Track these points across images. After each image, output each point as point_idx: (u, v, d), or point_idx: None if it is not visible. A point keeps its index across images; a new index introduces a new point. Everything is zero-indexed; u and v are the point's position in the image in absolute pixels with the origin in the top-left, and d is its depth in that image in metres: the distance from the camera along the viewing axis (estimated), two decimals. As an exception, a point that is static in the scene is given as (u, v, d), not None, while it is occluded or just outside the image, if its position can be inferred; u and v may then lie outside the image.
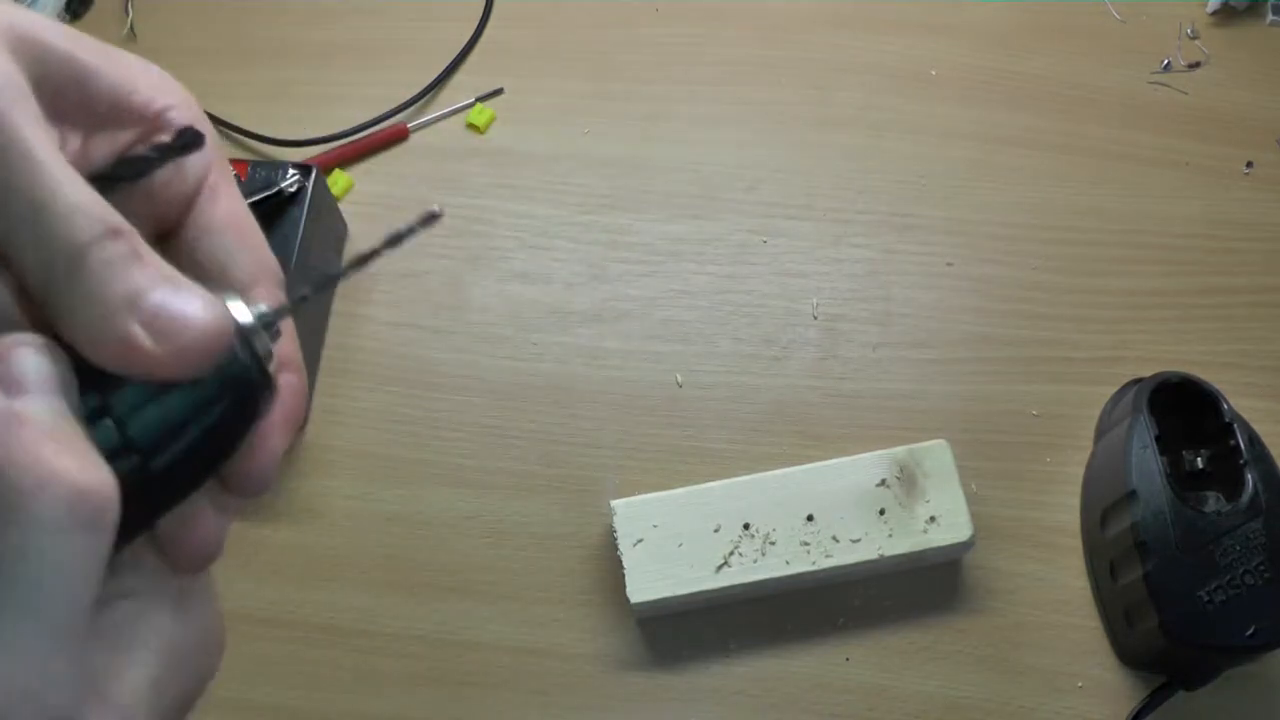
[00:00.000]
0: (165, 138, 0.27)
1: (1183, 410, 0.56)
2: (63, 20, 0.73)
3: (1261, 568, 0.51)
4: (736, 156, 0.69)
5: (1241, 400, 0.56)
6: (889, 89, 0.71)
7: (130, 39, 0.73)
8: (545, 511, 0.60)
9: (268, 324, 0.26)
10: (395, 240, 0.28)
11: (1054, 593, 0.58)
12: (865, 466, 0.56)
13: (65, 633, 0.22)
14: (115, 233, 0.23)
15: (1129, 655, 0.56)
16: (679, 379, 0.63)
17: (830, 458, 0.57)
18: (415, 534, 0.59)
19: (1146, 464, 0.54)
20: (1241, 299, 0.65)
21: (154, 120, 0.27)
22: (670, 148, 0.70)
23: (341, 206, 0.66)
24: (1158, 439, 0.54)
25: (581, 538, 0.59)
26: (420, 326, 0.64)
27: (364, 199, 0.68)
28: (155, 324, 0.23)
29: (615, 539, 0.55)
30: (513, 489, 0.60)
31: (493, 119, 0.70)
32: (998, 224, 0.67)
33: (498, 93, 0.71)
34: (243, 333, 0.25)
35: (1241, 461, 0.53)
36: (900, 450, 0.57)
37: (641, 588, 0.54)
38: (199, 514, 0.26)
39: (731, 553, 0.55)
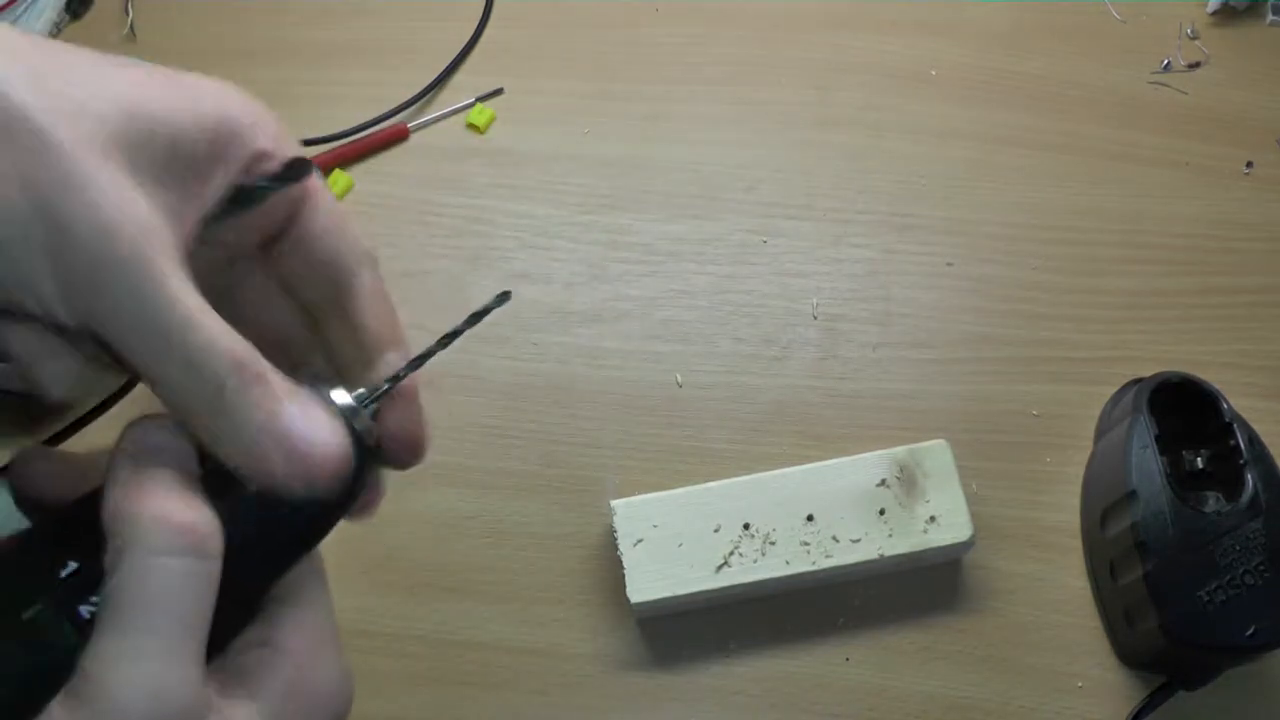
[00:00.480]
0: (272, 168, 0.30)
1: (1183, 410, 0.56)
2: (62, 20, 0.73)
3: (1261, 568, 0.51)
4: (736, 156, 0.69)
5: (1241, 400, 0.56)
6: (889, 89, 0.71)
7: (130, 39, 0.73)
8: (545, 511, 0.60)
9: (364, 401, 0.31)
10: (476, 318, 0.33)
11: (1054, 593, 0.58)
12: (865, 466, 0.56)
13: (181, 645, 0.26)
14: (242, 366, 0.27)
15: (1129, 655, 0.56)
16: (679, 379, 0.63)
17: (830, 458, 0.57)
18: (415, 534, 0.59)
19: (1146, 464, 0.54)
20: (1241, 299, 0.65)
21: (256, 157, 0.30)
22: (670, 148, 0.70)
23: (341, 206, 0.66)
24: (1158, 439, 0.54)
25: (581, 538, 0.59)
26: (420, 327, 0.64)
27: (364, 199, 0.68)
28: (288, 449, 0.28)
29: (615, 539, 0.55)
30: (513, 489, 0.60)
31: (493, 119, 0.70)
32: (998, 224, 0.67)
33: (498, 93, 0.71)
34: (346, 411, 0.30)
35: (1241, 461, 0.53)
36: (900, 450, 0.57)
37: (641, 588, 0.54)
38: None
39: (731, 553, 0.55)
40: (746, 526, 0.55)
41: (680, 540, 0.55)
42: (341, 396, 0.30)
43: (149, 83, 0.28)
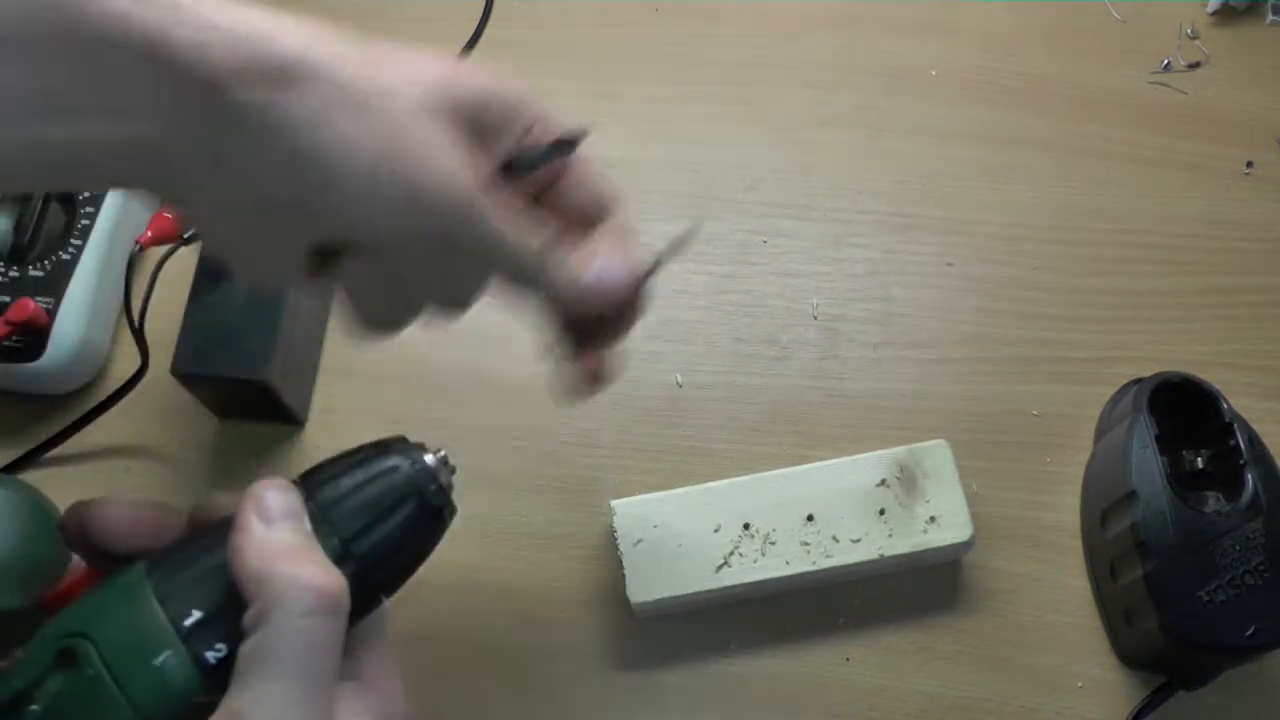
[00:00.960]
0: (550, 137, 0.39)
1: (1183, 410, 0.56)
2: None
3: (1261, 568, 0.51)
4: (736, 156, 0.69)
5: (1241, 400, 0.56)
6: (889, 89, 0.71)
7: (130, 39, 0.73)
8: (545, 511, 0.60)
9: (446, 461, 0.37)
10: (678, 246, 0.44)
11: (1054, 593, 0.58)
12: (865, 466, 0.56)
13: (321, 690, 0.31)
14: (548, 243, 0.39)
15: (1129, 655, 0.56)
16: (679, 379, 0.63)
17: (830, 458, 0.57)
18: (415, 534, 0.59)
19: (1146, 464, 0.54)
20: (1241, 299, 0.65)
21: (528, 127, 0.39)
22: (670, 148, 0.70)
23: (341, 206, 0.66)
24: (1158, 439, 0.54)
25: (581, 538, 0.59)
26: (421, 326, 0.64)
27: (364, 199, 0.68)
28: (600, 281, 0.41)
29: (615, 539, 0.55)
30: (513, 489, 0.60)
31: (493, 119, 0.70)
32: (998, 224, 0.67)
33: (498, 93, 0.71)
34: (431, 471, 0.36)
35: (1241, 461, 0.53)
36: (900, 450, 0.57)
37: (641, 588, 0.54)
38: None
39: (731, 553, 0.55)
40: (746, 526, 0.55)
41: (680, 540, 0.55)
42: (426, 454, 0.38)
43: (454, 64, 0.36)
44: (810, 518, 0.55)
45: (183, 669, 0.30)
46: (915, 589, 0.58)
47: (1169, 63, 0.72)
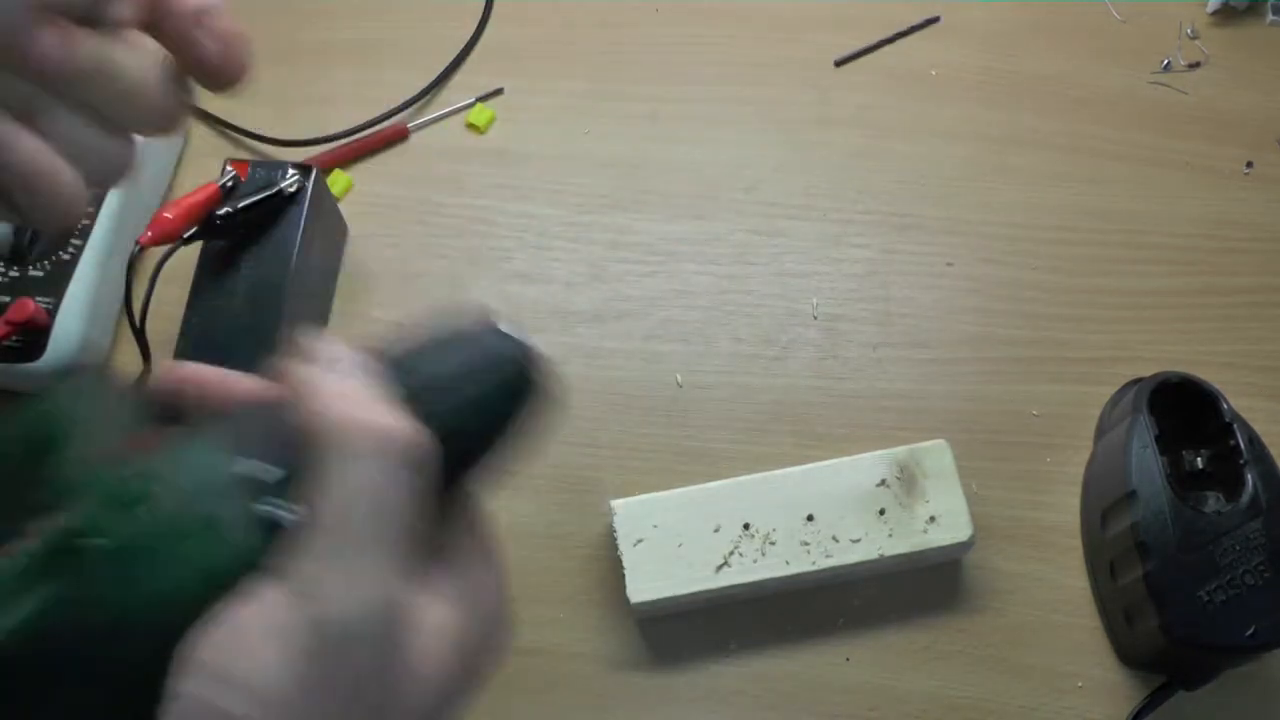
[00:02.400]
0: None
1: (1183, 410, 0.56)
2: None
3: (1261, 568, 0.51)
4: (736, 156, 0.69)
5: (1241, 400, 0.56)
6: (889, 89, 0.71)
7: (130, 39, 0.73)
8: (545, 511, 0.60)
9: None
10: None
11: (1054, 593, 0.58)
12: (865, 466, 0.56)
13: (395, 563, 0.27)
14: None
15: (1129, 655, 0.56)
16: (679, 379, 0.63)
17: (830, 458, 0.57)
18: (415, 534, 0.59)
19: (1146, 464, 0.54)
20: (1241, 299, 0.65)
21: None
22: (670, 148, 0.70)
23: (341, 206, 0.66)
24: (1158, 439, 0.54)
25: (581, 538, 0.59)
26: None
27: (364, 199, 0.68)
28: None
29: (615, 539, 0.55)
30: (513, 489, 0.60)
31: (493, 119, 0.70)
32: (998, 224, 0.67)
33: (498, 93, 0.71)
34: (509, 335, 0.31)
35: (1241, 461, 0.53)
36: (900, 450, 0.57)
37: (641, 588, 0.54)
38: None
39: (731, 553, 0.55)
40: (746, 526, 0.55)
41: (680, 540, 0.55)
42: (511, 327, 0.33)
43: None
44: (810, 518, 0.55)
45: (247, 526, 0.27)
46: (915, 589, 0.58)
47: (1169, 63, 0.72)
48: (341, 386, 0.28)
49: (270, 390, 0.31)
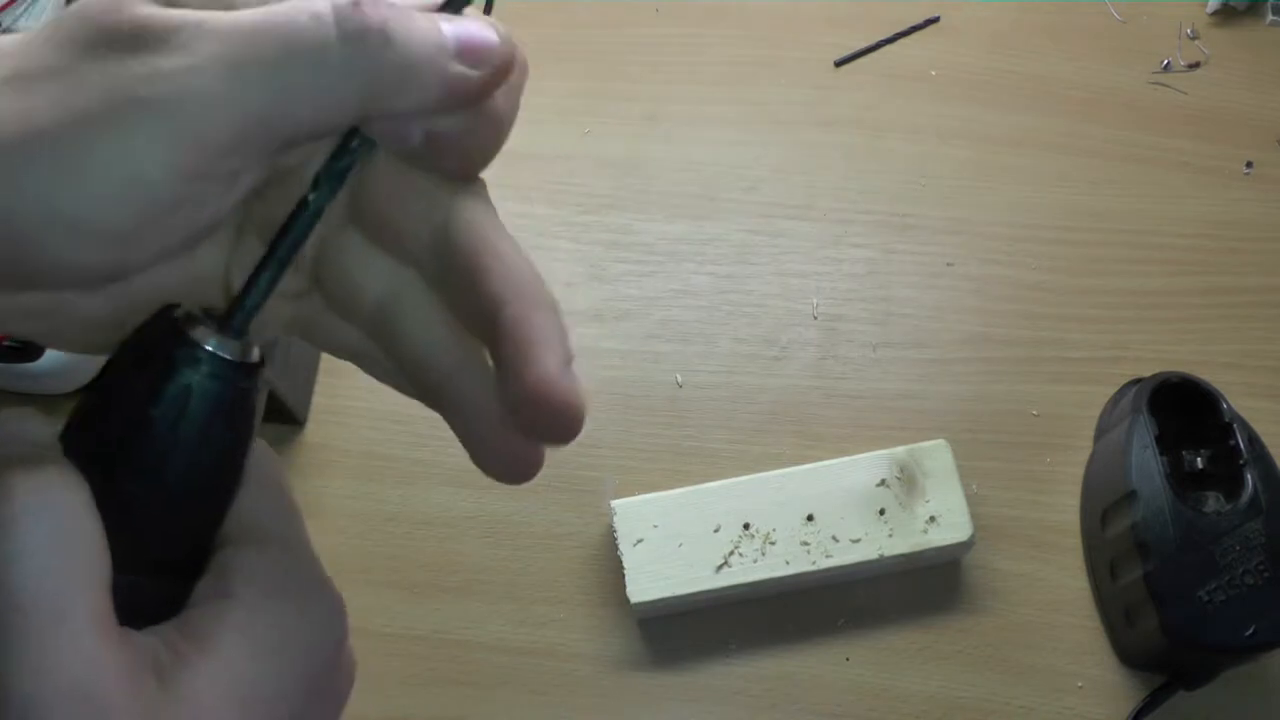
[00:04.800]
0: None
1: (1183, 410, 0.56)
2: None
3: (1261, 568, 0.51)
4: (736, 156, 0.69)
5: (1241, 400, 0.56)
6: (889, 89, 0.71)
7: (130, 39, 0.73)
8: (545, 511, 0.60)
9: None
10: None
11: (1054, 593, 0.58)
12: (865, 466, 0.56)
13: (59, 629, 0.22)
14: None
15: (1129, 655, 0.56)
16: (679, 379, 0.63)
17: (830, 458, 0.57)
18: (415, 534, 0.59)
19: (1146, 464, 0.54)
20: (1241, 299, 0.65)
21: None
22: (670, 148, 0.70)
23: (341, 206, 0.66)
24: (1158, 439, 0.54)
25: (581, 538, 0.59)
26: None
27: (364, 199, 0.68)
28: (469, 55, 0.26)
29: (615, 539, 0.55)
30: (513, 489, 0.60)
31: (493, 119, 0.70)
32: (998, 224, 0.67)
33: (498, 93, 0.71)
34: (200, 352, 0.24)
35: (1241, 461, 0.53)
36: (900, 450, 0.57)
37: (641, 588, 0.54)
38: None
39: (731, 553, 0.55)
40: (746, 526, 0.55)
41: (680, 540, 0.55)
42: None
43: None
44: (810, 518, 0.55)
45: None
46: (915, 589, 0.58)
47: (1169, 63, 0.72)
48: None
49: None
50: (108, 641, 0.22)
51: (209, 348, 0.24)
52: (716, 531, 0.55)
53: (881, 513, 0.56)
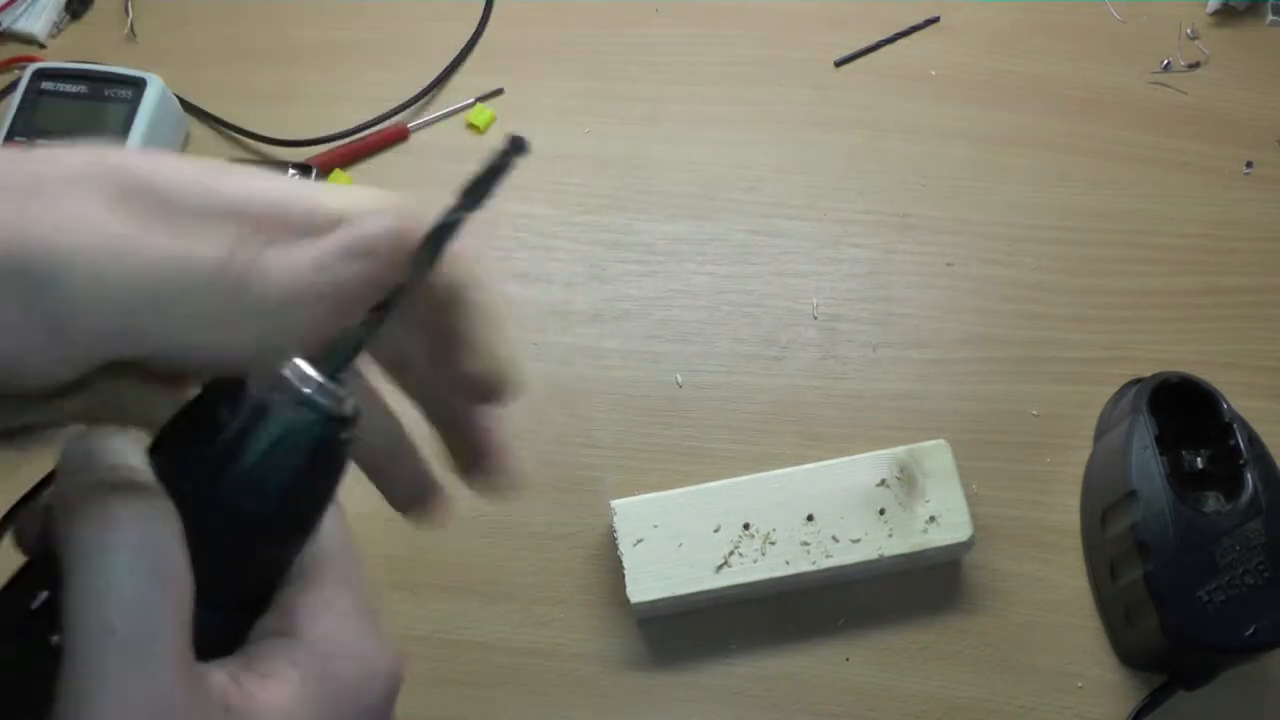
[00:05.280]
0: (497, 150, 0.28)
1: (1183, 410, 0.56)
2: (62, 20, 0.73)
3: (1261, 568, 0.51)
4: (736, 156, 0.69)
5: (1241, 400, 0.56)
6: (889, 89, 0.71)
7: (130, 39, 0.73)
8: (545, 511, 0.60)
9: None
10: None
11: (1054, 593, 0.58)
12: (865, 466, 0.56)
13: (151, 653, 0.23)
14: None
15: (1129, 655, 0.56)
16: (679, 379, 0.63)
17: (830, 458, 0.57)
18: (415, 534, 0.59)
19: (1146, 464, 0.54)
20: (1241, 299, 0.65)
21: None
22: (670, 148, 0.70)
23: (341, 206, 0.66)
24: (1158, 439, 0.54)
25: (581, 538, 0.59)
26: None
27: (364, 199, 0.68)
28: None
29: (615, 539, 0.55)
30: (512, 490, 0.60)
31: (493, 119, 0.70)
32: (998, 224, 0.67)
33: (498, 93, 0.71)
34: (310, 400, 0.26)
35: (1241, 461, 0.53)
36: (900, 450, 0.57)
37: (641, 588, 0.54)
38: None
39: (731, 553, 0.55)
40: (746, 526, 0.55)
41: (680, 540, 0.55)
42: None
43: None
44: (810, 518, 0.55)
45: (22, 658, 0.24)
46: (915, 589, 0.58)
47: (1169, 63, 0.72)
48: (76, 495, 0.24)
49: None
50: (187, 681, 0.23)
51: (313, 395, 0.25)
52: (716, 531, 0.55)
53: (881, 513, 0.56)
